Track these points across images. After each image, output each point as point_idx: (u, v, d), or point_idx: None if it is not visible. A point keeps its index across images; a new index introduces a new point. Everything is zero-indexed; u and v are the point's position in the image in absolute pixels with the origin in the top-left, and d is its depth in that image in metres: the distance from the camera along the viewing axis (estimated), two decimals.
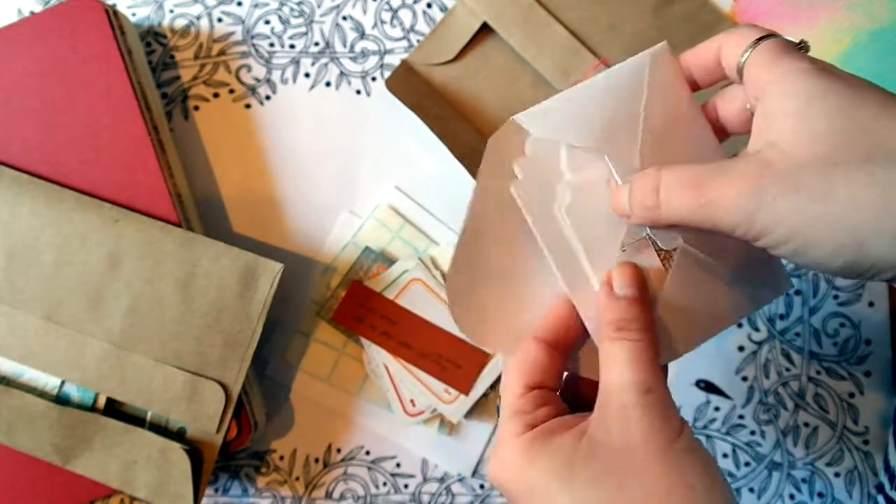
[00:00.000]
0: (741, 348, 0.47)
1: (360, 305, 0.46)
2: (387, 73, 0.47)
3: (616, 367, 0.27)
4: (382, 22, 0.47)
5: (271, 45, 0.47)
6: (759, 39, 0.27)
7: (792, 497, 0.47)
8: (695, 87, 0.31)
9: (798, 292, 0.47)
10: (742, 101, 0.29)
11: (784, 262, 0.30)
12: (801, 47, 0.27)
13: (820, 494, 0.47)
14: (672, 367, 0.30)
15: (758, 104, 0.26)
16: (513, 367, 0.29)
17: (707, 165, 0.26)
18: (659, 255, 0.30)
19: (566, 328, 0.30)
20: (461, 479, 0.47)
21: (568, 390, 0.31)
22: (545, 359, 0.29)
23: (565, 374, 0.31)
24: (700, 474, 0.25)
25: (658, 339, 0.28)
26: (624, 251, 0.30)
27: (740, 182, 0.24)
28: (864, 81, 0.25)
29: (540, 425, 0.27)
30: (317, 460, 0.47)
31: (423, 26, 0.47)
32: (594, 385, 0.28)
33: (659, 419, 0.26)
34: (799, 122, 0.24)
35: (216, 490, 0.47)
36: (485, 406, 0.46)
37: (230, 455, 0.47)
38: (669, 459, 0.25)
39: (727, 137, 0.31)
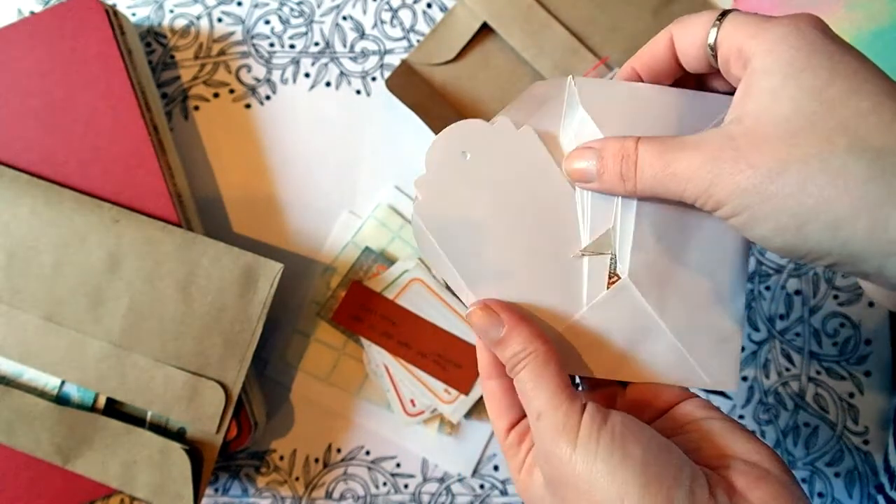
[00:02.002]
0: (741, 348, 0.47)
1: (360, 305, 0.46)
2: (387, 73, 0.47)
3: (523, 399, 0.28)
4: (382, 22, 0.47)
5: (271, 45, 0.47)
6: (723, 15, 0.27)
7: None
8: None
9: (798, 292, 0.47)
10: (703, 35, 0.27)
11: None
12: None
13: (820, 494, 0.47)
14: None
15: (744, 73, 0.26)
16: (490, 412, 0.31)
17: (678, 138, 0.26)
18: (609, 277, 0.30)
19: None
20: (461, 479, 0.47)
21: None
22: (506, 396, 0.30)
23: None
24: (605, 484, 0.25)
25: (548, 352, 0.28)
26: (583, 256, 0.30)
27: (702, 155, 0.25)
28: (846, 54, 0.24)
29: (525, 462, 0.29)
30: (317, 460, 0.47)
31: (423, 26, 0.47)
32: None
33: (554, 443, 0.26)
34: (769, 101, 0.24)
35: (216, 490, 0.47)
36: (485, 406, 0.46)
37: (230, 455, 0.47)
38: (576, 480, 0.25)
39: (679, 74, 0.30)
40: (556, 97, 0.30)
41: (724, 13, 0.27)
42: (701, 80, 0.31)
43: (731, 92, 0.30)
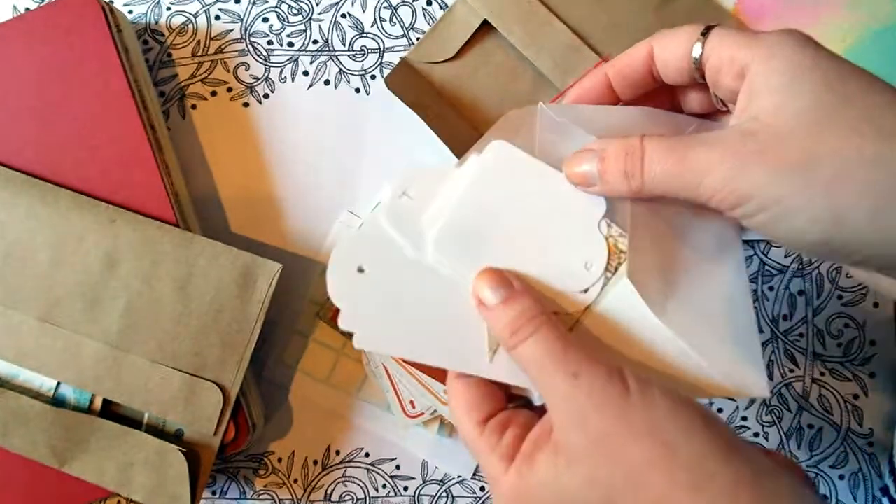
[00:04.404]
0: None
1: None
2: (386, 72, 0.46)
3: (533, 367, 0.26)
4: (382, 20, 0.47)
5: (269, 43, 0.47)
6: (707, 29, 0.27)
7: None
8: (615, 99, 0.31)
9: (801, 293, 0.46)
10: (687, 48, 0.28)
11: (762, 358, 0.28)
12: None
13: (824, 497, 0.46)
14: None
15: (742, 84, 0.26)
16: (458, 409, 0.28)
17: (688, 136, 0.26)
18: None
19: None
20: (461, 481, 0.47)
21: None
22: (478, 389, 0.28)
23: None
24: (672, 427, 0.24)
25: (557, 321, 0.27)
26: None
27: (721, 150, 0.24)
28: (845, 60, 0.25)
29: (516, 456, 0.26)
30: (315, 462, 0.47)
31: (422, 24, 0.47)
32: None
33: (601, 397, 0.24)
34: (784, 97, 0.24)
35: (214, 492, 0.47)
36: None
37: (228, 457, 0.47)
38: (636, 429, 0.24)
39: (651, 87, 0.30)
40: (528, 124, 0.30)
41: (708, 28, 0.27)
42: (674, 94, 0.31)
43: (705, 111, 0.31)
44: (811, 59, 0.24)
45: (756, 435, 0.46)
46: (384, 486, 0.47)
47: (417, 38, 0.47)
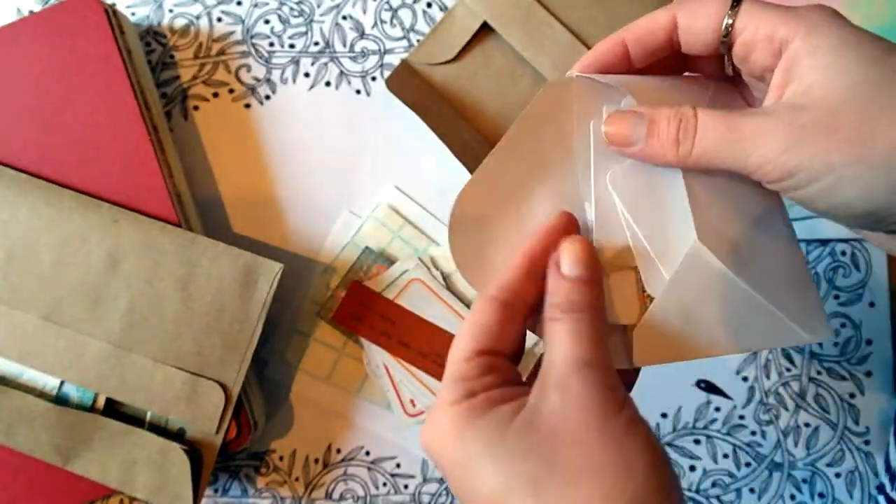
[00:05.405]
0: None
1: (360, 305, 0.46)
2: (387, 73, 0.47)
3: (556, 343, 0.25)
4: (382, 21, 0.47)
5: (271, 44, 0.47)
6: (737, 2, 0.27)
7: (793, 497, 0.47)
8: (630, 66, 0.30)
9: None
10: (716, 21, 0.27)
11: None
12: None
13: (821, 495, 0.47)
14: (672, 366, 0.30)
15: (777, 61, 0.26)
16: (464, 329, 0.27)
17: (737, 110, 0.26)
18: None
19: (525, 287, 0.27)
20: None
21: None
22: (498, 321, 0.26)
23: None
24: (640, 452, 0.23)
25: (604, 316, 0.27)
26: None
27: (774, 122, 0.25)
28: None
29: (480, 394, 0.25)
30: (316, 461, 0.47)
31: (423, 26, 0.47)
32: None
33: (596, 393, 0.24)
34: (831, 73, 0.24)
35: (216, 490, 0.47)
36: None
37: (230, 455, 0.47)
38: (606, 436, 0.23)
39: (666, 53, 0.30)
40: (566, 100, 0.30)
41: (737, 1, 0.27)
42: (685, 60, 0.31)
43: (720, 75, 0.31)
44: (849, 35, 0.25)
45: (753, 433, 0.47)
46: (385, 485, 0.47)
47: (418, 40, 0.47)
